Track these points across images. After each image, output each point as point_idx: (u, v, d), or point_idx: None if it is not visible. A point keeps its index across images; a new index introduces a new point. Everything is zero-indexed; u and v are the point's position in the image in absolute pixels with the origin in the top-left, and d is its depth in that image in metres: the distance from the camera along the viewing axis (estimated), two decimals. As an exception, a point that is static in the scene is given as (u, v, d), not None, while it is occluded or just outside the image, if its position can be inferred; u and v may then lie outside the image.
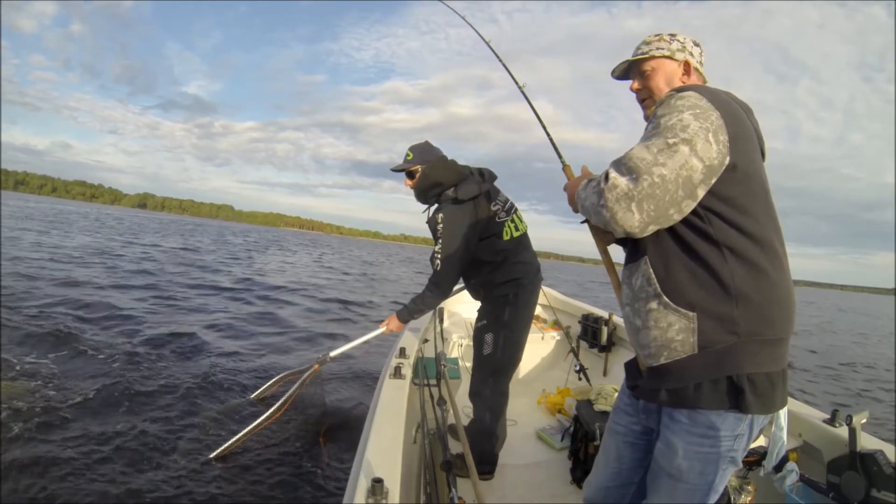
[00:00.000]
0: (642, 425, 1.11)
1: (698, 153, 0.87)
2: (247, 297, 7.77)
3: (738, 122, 0.93)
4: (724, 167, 0.89)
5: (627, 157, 0.91)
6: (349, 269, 18.12)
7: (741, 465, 0.99)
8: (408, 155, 2.01)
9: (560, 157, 1.40)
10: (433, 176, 1.95)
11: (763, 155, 1.01)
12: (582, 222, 1.18)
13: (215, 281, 9.12)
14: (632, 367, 1.12)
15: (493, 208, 1.97)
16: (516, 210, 2.07)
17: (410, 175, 2.02)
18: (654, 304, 0.95)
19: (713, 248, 0.91)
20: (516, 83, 1.52)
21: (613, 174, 0.91)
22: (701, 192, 0.89)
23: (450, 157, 2.04)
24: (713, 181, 0.89)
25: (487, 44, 1.61)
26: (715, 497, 0.98)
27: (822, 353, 9.21)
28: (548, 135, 1.45)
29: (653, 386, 0.99)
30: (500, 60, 1.56)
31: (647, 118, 1.12)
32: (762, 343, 0.90)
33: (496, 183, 2.08)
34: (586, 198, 0.99)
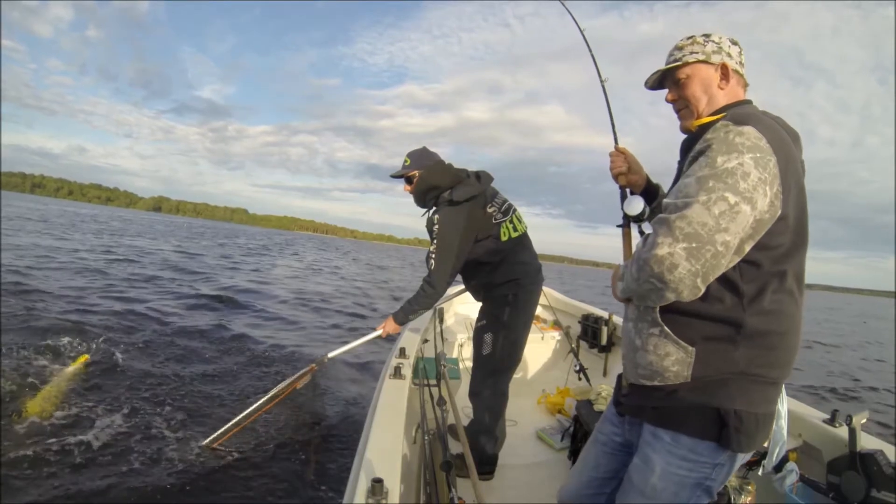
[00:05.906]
0: (624, 437, 1.09)
1: (756, 209, 0.80)
2: (248, 298, 7.76)
3: (791, 165, 0.86)
4: (774, 220, 0.84)
5: (686, 219, 0.80)
6: (359, 273, 18.11)
7: (714, 497, 0.96)
8: (405, 161, 2.03)
9: (616, 139, 1.41)
10: (430, 179, 1.97)
11: None
12: (619, 226, 1.15)
13: (216, 282, 9.12)
14: (621, 382, 1.09)
15: (490, 210, 1.99)
16: (515, 211, 2.08)
17: (409, 180, 2.04)
18: (655, 330, 0.92)
19: (732, 294, 0.87)
20: (599, 77, 1.54)
21: (667, 248, 0.80)
22: (748, 248, 0.84)
23: (462, 164, 2.07)
24: (760, 235, 0.84)
25: (584, 38, 1.65)
26: None
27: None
28: (611, 121, 1.51)
29: (639, 402, 0.98)
30: (592, 54, 1.58)
31: (684, 130, 1.06)
32: (758, 383, 0.88)
33: (495, 185, 2.09)
34: (638, 286, 0.89)
